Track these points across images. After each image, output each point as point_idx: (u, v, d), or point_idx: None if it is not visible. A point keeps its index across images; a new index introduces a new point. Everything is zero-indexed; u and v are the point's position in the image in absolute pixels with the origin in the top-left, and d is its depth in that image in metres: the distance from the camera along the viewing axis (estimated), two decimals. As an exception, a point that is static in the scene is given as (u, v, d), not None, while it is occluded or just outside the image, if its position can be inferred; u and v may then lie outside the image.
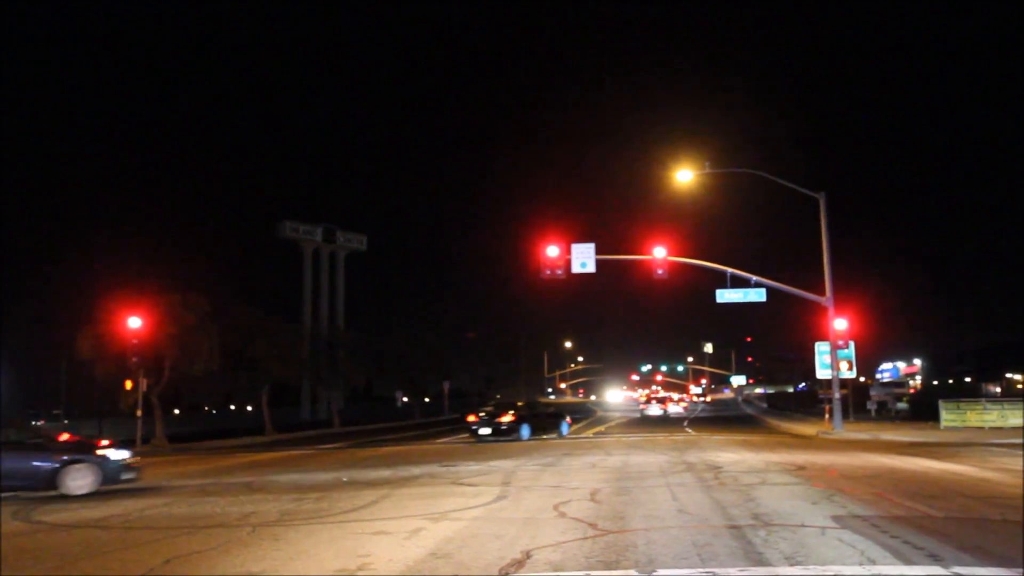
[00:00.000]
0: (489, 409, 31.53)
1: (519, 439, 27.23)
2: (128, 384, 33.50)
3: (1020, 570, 6.33)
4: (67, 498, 13.37)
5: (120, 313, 32.41)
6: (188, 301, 34.76)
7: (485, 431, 27.88)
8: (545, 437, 28.66)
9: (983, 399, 30.32)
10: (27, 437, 16.13)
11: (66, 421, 43.81)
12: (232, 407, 70.35)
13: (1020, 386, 73.89)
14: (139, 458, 15.58)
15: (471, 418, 29.97)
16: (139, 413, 33.00)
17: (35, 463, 13.85)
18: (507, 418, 28.30)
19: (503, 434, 27.57)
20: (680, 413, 60.85)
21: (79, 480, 13.85)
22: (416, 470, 16.35)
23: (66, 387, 43.75)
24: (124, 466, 14.50)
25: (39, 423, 44.64)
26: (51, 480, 13.72)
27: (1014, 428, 26.43)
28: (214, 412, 69.01)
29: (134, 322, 31.87)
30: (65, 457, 14.01)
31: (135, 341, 31.83)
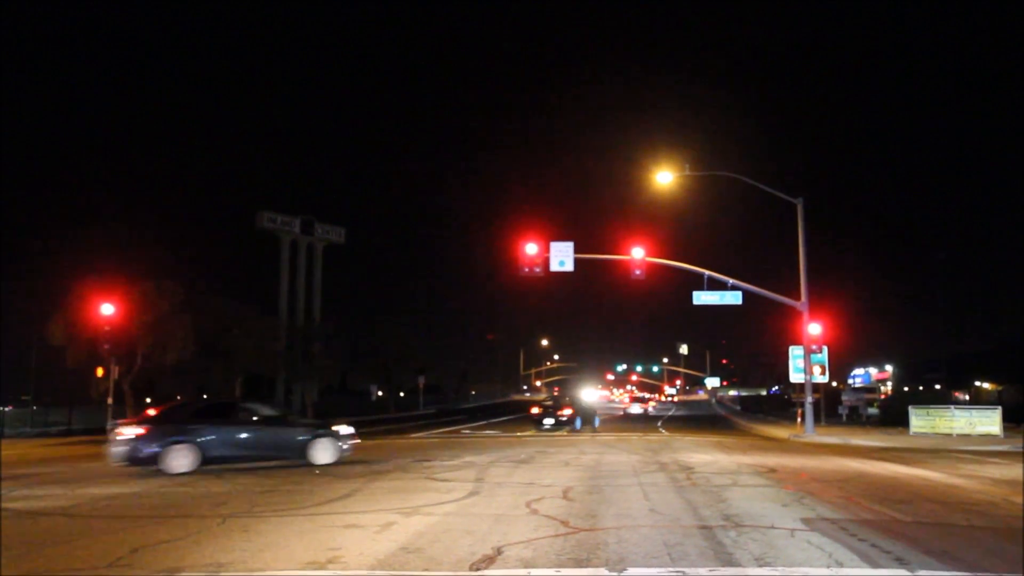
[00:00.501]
0: (549, 404, 35.79)
1: (574, 429, 32.22)
2: (99, 371, 33.13)
3: (984, 575, 6.42)
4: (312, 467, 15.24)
5: (93, 300, 32.06)
6: (162, 289, 34.46)
7: (549, 421, 32.75)
8: (586, 427, 33.51)
9: (952, 406, 30.71)
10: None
11: (35, 408, 43.24)
12: (205, 397, 69.81)
13: (992, 393, 74.96)
14: (356, 433, 17.16)
15: (535, 410, 34.55)
16: (110, 401, 32.64)
17: (298, 437, 15.76)
18: (567, 411, 33.38)
19: (563, 424, 32.52)
20: (648, 412, 61.02)
21: (323, 452, 15.68)
22: (389, 464, 16.30)
23: (36, 373, 43.16)
24: (350, 438, 16.44)
25: (6, 409, 44.02)
26: (303, 452, 15.57)
27: (982, 435, 26.81)
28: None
29: (107, 309, 31.53)
30: (313, 432, 15.95)
31: (107, 328, 31.50)
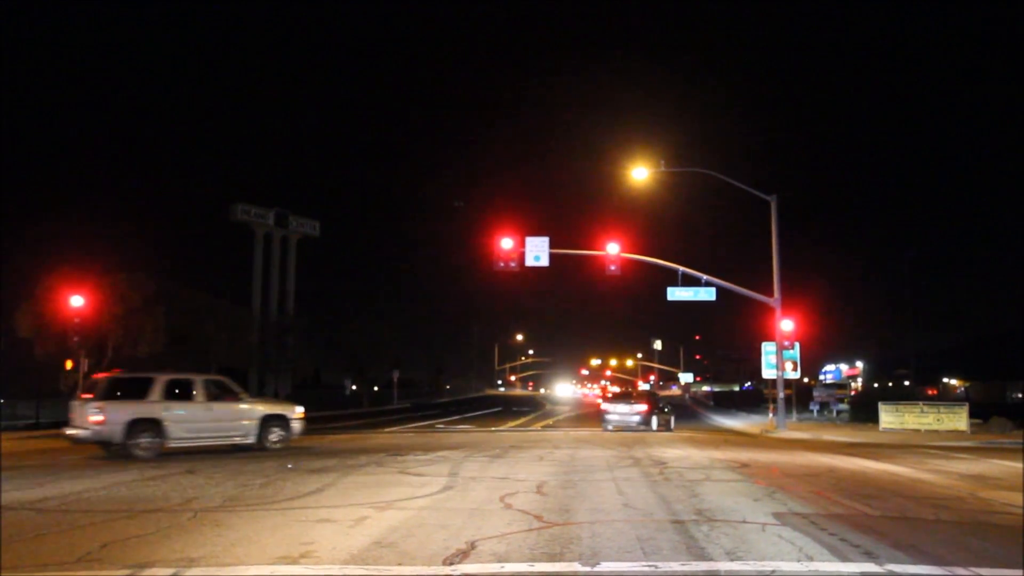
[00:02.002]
0: (620, 395, 36.73)
1: (649, 430, 30.47)
2: (69, 364, 32.64)
3: (952, 568, 6.52)
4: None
5: (62, 291, 31.57)
6: (133, 281, 34.05)
7: (619, 417, 30.53)
8: (661, 429, 31.81)
9: (921, 402, 31.15)
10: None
11: (2, 401, 42.56)
12: (176, 391, 69.19)
13: (959, 390, 76.17)
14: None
15: (603, 403, 32.97)
16: (80, 395, 32.23)
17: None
18: (640, 407, 30.55)
19: (637, 424, 30.69)
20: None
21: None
22: (363, 458, 16.24)
23: (2, 366, 42.49)
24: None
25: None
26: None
27: (949, 431, 27.22)
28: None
29: (76, 301, 31.08)
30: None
31: (77, 320, 31.06)
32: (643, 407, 28.84)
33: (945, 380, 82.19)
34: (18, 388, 42.75)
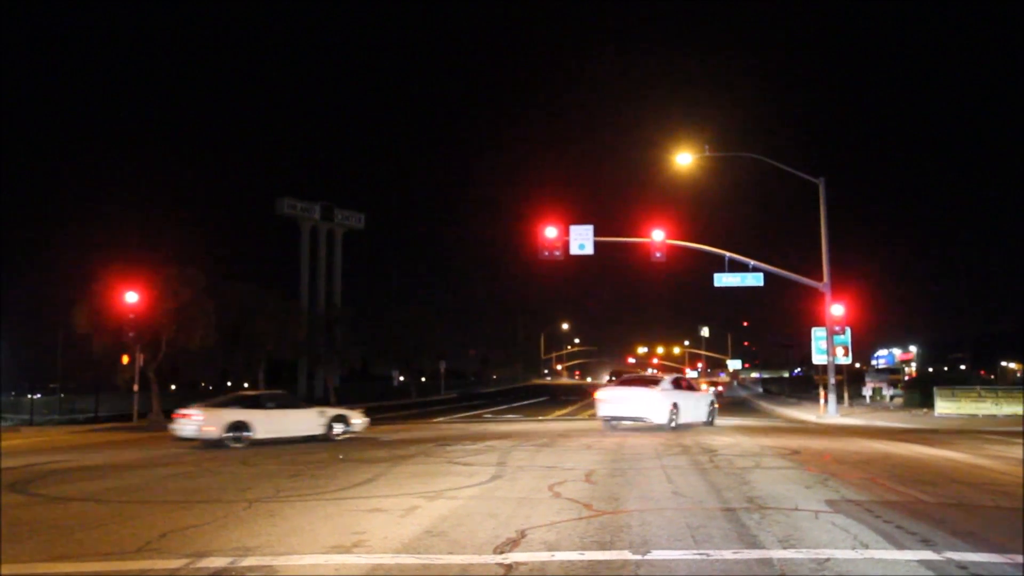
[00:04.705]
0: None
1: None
2: (125, 359, 33.46)
3: (1012, 556, 6.37)
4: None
5: (117, 287, 32.34)
6: (185, 276, 34.68)
7: None
8: None
9: (978, 387, 30.44)
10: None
11: (62, 395, 43.84)
12: (229, 383, 70.49)
13: (1020, 374, 74.17)
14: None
15: None
16: (135, 388, 33.03)
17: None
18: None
19: None
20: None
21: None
22: (413, 448, 16.40)
23: (62, 361, 43.73)
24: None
25: (36, 397, 44.67)
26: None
27: (1008, 416, 26.56)
28: (210, 388, 69.19)
29: (131, 297, 31.83)
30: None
31: (132, 316, 31.80)
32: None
33: (1003, 364, 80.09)
34: (77, 383, 43.99)
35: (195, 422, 18.05)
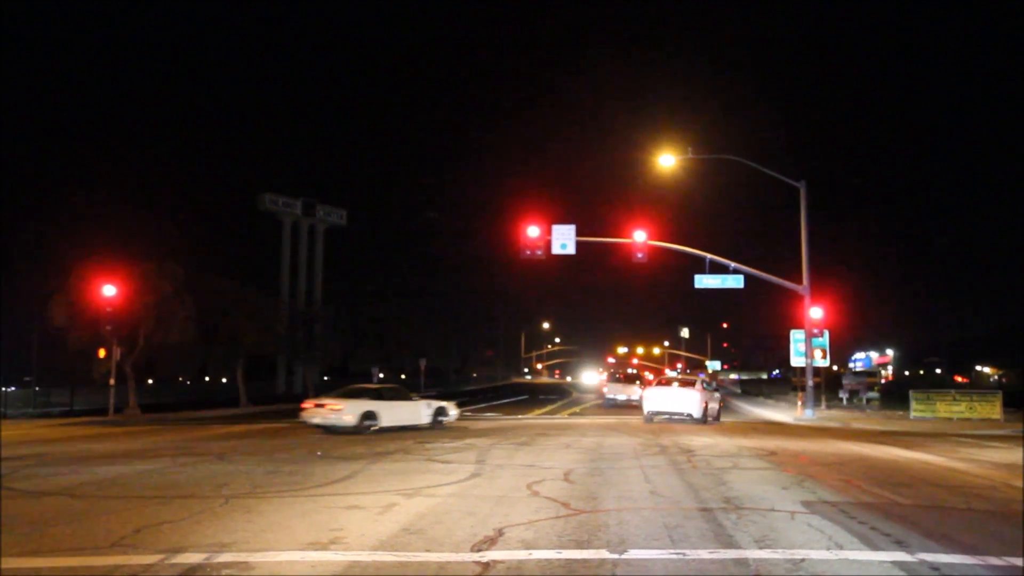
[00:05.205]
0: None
1: None
2: (101, 353, 33.12)
3: (983, 557, 6.44)
4: None
5: (95, 281, 32.00)
6: (164, 270, 34.39)
7: None
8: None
9: (953, 390, 30.77)
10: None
11: (37, 389, 43.34)
12: (207, 379, 69.95)
13: (994, 378, 75.05)
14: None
15: None
16: (112, 382, 32.71)
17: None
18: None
19: None
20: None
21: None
22: (391, 446, 16.36)
23: (38, 354, 43.22)
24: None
25: (10, 390, 44.09)
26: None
27: (983, 419, 26.88)
28: (188, 383, 68.65)
29: (109, 290, 31.51)
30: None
31: (109, 309, 31.49)
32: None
33: (978, 368, 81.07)
34: (52, 377, 43.48)
35: (334, 412, 20.04)
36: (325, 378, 63.36)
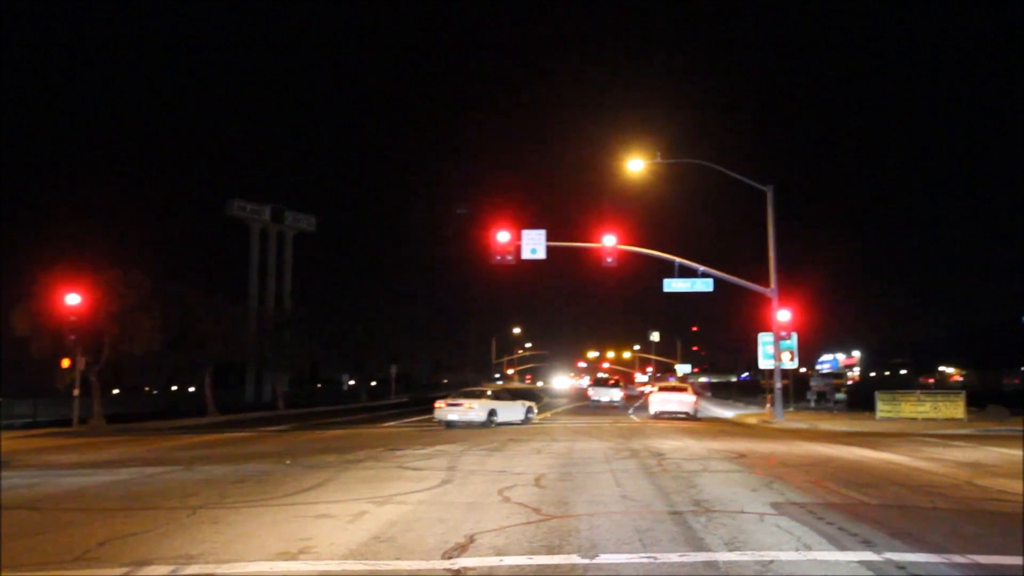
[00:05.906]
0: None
1: None
2: (65, 362, 32.57)
3: (949, 555, 6.54)
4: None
5: (58, 289, 31.49)
6: (130, 278, 33.90)
7: None
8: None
9: (918, 391, 31.19)
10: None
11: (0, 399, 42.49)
12: (174, 387, 69.14)
13: (956, 378, 76.30)
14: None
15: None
16: (76, 392, 32.20)
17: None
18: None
19: None
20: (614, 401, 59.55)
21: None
22: (361, 453, 16.25)
23: (-1, 365, 42.39)
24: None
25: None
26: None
27: (946, 419, 27.29)
28: (155, 392, 67.85)
29: (72, 298, 31.04)
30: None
31: (73, 318, 31.01)
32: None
33: (942, 369, 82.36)
34: (15, 387, 42.65)
35: (470, 410, 24.87)
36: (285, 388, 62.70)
